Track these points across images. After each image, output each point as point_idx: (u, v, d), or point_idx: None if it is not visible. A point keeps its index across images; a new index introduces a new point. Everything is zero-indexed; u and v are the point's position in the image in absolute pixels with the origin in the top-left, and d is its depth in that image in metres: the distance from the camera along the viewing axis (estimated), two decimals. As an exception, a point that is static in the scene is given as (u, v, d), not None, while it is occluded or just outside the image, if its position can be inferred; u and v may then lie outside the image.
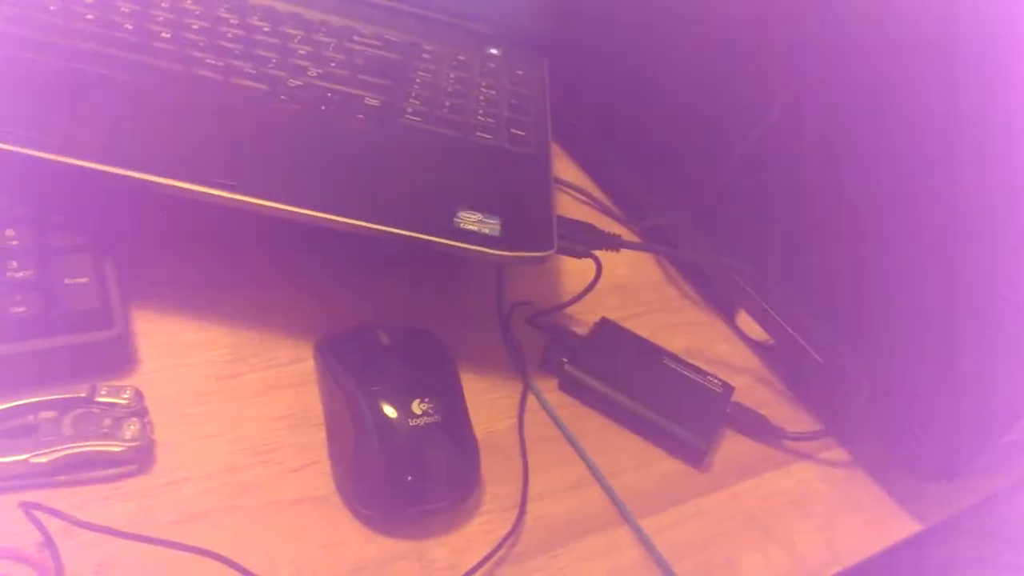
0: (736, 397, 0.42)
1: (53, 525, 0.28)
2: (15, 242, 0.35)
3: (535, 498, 0.35)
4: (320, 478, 0.34)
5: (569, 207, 0.53)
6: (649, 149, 0.53)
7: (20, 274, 0.34)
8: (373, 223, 0.36)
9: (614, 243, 0.42)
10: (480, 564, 0.32)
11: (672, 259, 0.51)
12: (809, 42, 0.41)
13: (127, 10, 0.44)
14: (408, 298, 0.43)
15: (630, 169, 0.54)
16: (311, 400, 0.36)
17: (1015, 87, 0.34)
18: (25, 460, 0.30)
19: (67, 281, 0.35)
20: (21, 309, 0.33)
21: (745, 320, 0.47)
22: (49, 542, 0.28)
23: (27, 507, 0.29)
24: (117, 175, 0.33)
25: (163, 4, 0.45)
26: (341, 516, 0.33)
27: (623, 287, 0.48)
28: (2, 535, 0.28)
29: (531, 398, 0.40)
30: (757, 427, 0.42)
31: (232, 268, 0.41)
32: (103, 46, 0.41)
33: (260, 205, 0.35)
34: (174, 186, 0.34)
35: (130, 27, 0.43)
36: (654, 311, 0.47)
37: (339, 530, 0.32)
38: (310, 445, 0.35)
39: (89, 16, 0.42)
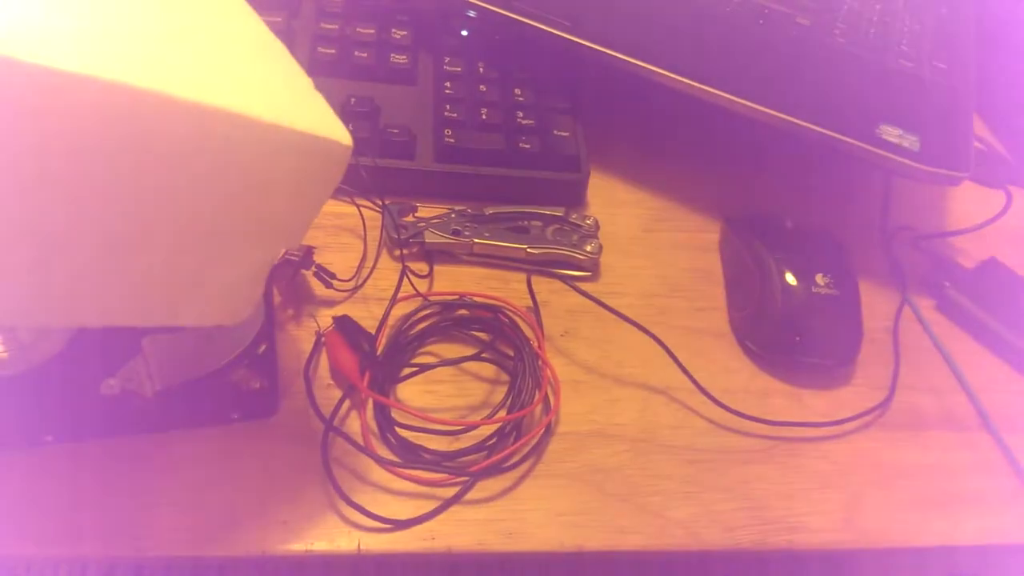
0: None
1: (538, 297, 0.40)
2: (522, 98, 0.47)
3: (903, 387, 0.40)
4: (719, 320, 0.41)
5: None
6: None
7: (526, 121, 0.46)
8: (805, 121, 0.42)
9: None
10: (852, 418, 0.37)
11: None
12: None
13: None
14: (805, 199, 0.48)
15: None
16: (713, 262, 0.44)
17: None
18: (524, 249, 0.41)
19: (555, 132, 0.46)
20: (527, 146, 0.44)
21: None
22: (536, 306, 0.40)
23: (528, 278, 0.40)
24: (607, 55, 0.43)
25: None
26: (735, 350, 0.40)
27: (1014, 237, 0.48)
28: (507, 296, 0.40)
29: (906, 311, 0.43)
30: None
31: (668, 148, 0.49)
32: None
33: (708, 92, 0.42)
34: (651, 70, 0.43)
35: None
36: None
37: (733, 360, 0.40)
38: (711, 295, 0.42)
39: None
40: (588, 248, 0.42)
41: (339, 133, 0.26)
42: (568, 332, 0.39)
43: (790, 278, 0.39)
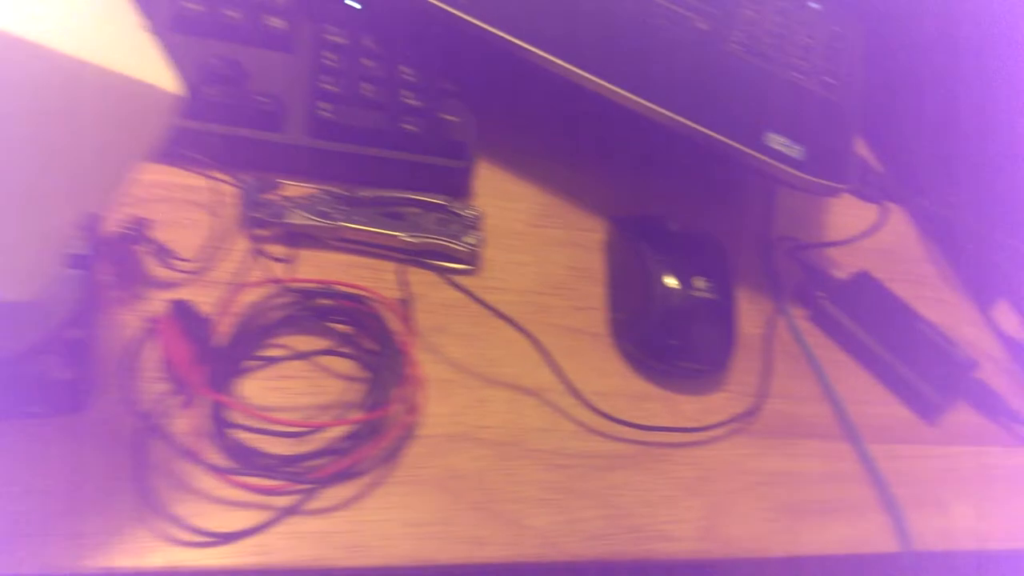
0: (978, 374, 0.43)
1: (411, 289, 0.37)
2: (410, 78, 0.44)
3: (773, 395, 0.40)
4: (597, 321, 0.40)
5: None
6: (942, 136, 0.53)
7: (413, 102, 0.43)
8: (694, 122, 0.41)
9: (901, 195, 0.44)
10: (721, 424, 0.37)
11: (939, 242, 0.52)
12: None
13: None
14: (691, 204, 0.48)
15: (917, 149, 0.55)
16: (597, 261, 0.43)
17: None
18: (399, 237, 0.39)
19: (443, 116, 0.43)
20: (411, 128, 0.42)
21: (1002, 311, 0.48)
22: (408, 299, 0.37)
23: (399, 269, 0.38)
24: (502, 39, 0.41)
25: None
26: (611, 352, 0.39)
27: (885, 252, 0.50)
28: (376, 287, 0.37)
29: (780, 319, 0.44)
30: (992, 404, 0.43)
31: (561, 144, 0.48)
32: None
33: (597, 83, 0.41)
34: (544, 57, 0.41)
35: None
36: (911, 282, 0.49)
37: (608, 362, 0.39)
38: (591, 295, 0.41)
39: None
40: (468, 240, 0.40)
41: (164, 80, 0.22)
42: (441, 328, 0.37)
43: (670, 280, 0.39)
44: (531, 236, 0.43)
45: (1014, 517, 0.39)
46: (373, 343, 0.35)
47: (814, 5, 0.56)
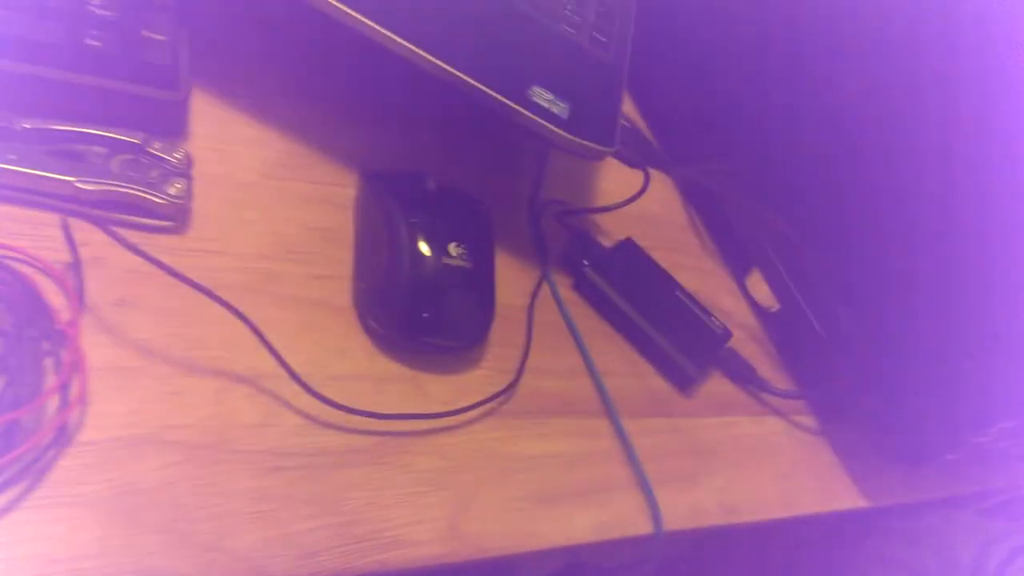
0: (731, 344, 0.44)
1: (84, 251, 0.29)
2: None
3: (531, 370, 0.37)
4: (341, 292, 0.34)
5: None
6: (709, 104, 0.53)
7: (102, 12, 0.33)
8: (451, 67, 0.36)
9: (667, 166, 0.43)
10: (472, 407, 0.33)
11: (701, 209, 0.53)
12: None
13: None
14: (456, 161, 0.43)
15: (682, 118, 0.55)
16: (345, 222, 0.37)
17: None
18: (70, 183, 0.30)
19: (144, 32, 0.34)
20: (96, 43, 0.32)
21: (756, 281, 0.49)
22: (76, 263, 0.29)
23: (64, 223, 0.29)
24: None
25: None
26: (353, 329, 0.34)
27: (650, 219, 0.49)
28: (33, 247, 0.28)
29: (544, 288, 0.41)
30: (743, 374, 0.44)
31: (303, 81, 0.40)
32: None
33: (345, 13, 0.35)
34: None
35: None
36: (673, 250, 0.49)
37: (350, 340, 0.33)
38: (337, 260, 0.35)
39: None
40: (170, 190, 0.32)
41: None
42: (125, 301, 0.29)
43: (422, 246, 0.34)
44: (263, 188, 0.36)
45: (761, 488, 0.40)
46: (17, 319, 0.26)
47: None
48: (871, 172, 0.44)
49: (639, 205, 0.44)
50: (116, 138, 0.32)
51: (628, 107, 0.57)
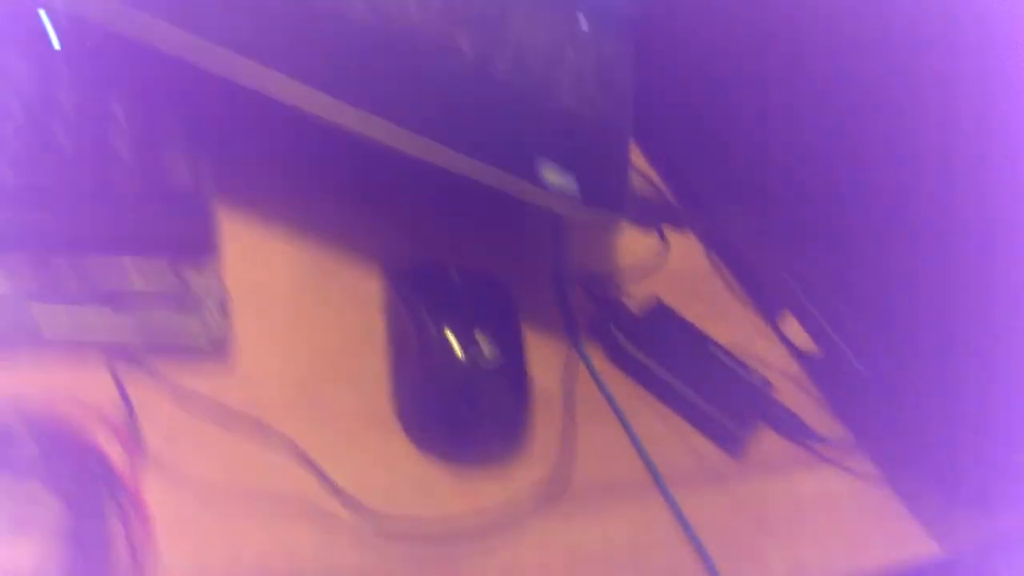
0: (773, 394, 0.43)
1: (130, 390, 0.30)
2: (121, 118, 0.36)
3: (577, 456, 0.36)
4: (380, 398, 0.35)
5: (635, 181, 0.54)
6: (720, 148, 0.54)
7: (121, 144, 0.35)
8: (462, 156, 0.37)
9: (680, 221, 0.43)
10: (521, 505, 0.33)
11: (725, 255, 0.52)
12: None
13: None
14: (472, 241, 0.43)
15: (694, 165, 0.55)
16: (377, 324, 0.37)
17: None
18: (108, 322, 0.31)
19: (167, 160, 0.35)
20: (122, 177, 0.34)
21: (789, 323, 0.48)
22: (128, 407, 0.29)
23: (110, 365, 0.30)
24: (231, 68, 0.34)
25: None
26: (395, 435, 0.34)
27: (674, 274, 0.49)
28: (80, 390, 0.29)
29: (576, 361, 0.41)
30: (790, 426, 0.43)
31: (318, 184, 0.41)
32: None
33: (359, 119, 0.36)
34: (290, 89, 0.35)
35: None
36: (700, 301, 0.48)
37: (393, 447, 0.33)
38: (373, 367, 0.36)
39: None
40: (208, 318, 0.32)
41: None
42: (173, 437, 0.30)
43: (452, 346, 0.34)
44: (295, 300, 0.37)
45: (828, 546, 0.39)
46: (76, 475, 0.27)
47: (583, 27, 0.55)
48: (894, 207, 0.43)
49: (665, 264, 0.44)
50: (149, 269, 0.33)
51: (636, 158, 0.57)
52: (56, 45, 0.37)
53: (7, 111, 0.33)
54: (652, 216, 0.42)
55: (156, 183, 0.34)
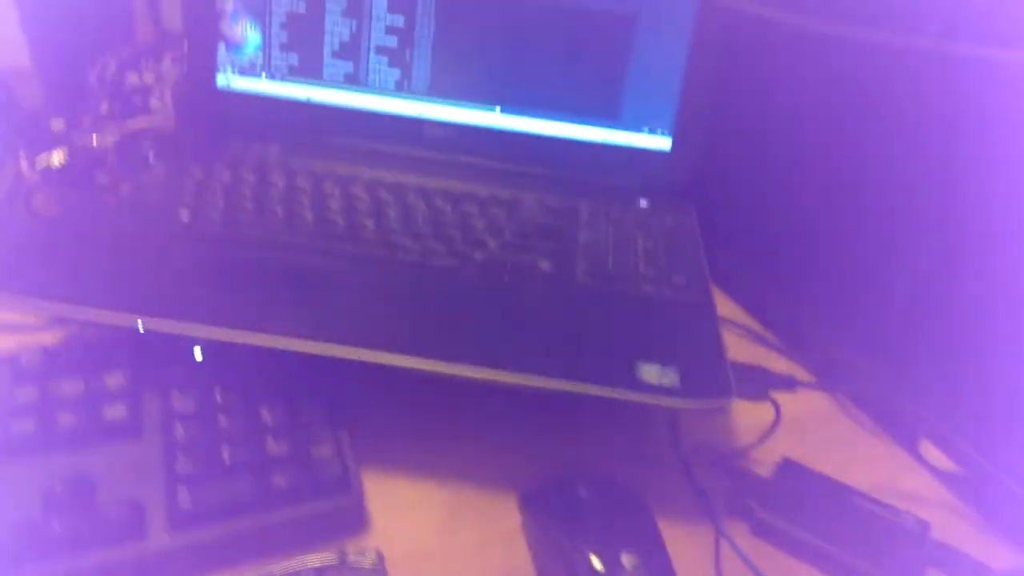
0: (932, 533, 0.41)
1: None
2: (271, 420, 0.42)
3: (744, 650, 0.36)
4: (539, 631, 0.36)
5: (732, 343, 0.56)
6: (804, 276, 0.55)
7: (278, 449, 0.40)
8: (563, 381, 0.40)
9: (789, 384, 0.44)
10: None
11: (845, 391, 0.52)
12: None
13: (337, 206, 0.52)
14: (591, 447, 0.46)
15: (787, 299, 0.56)
16: (523, 556, 0.40)
17: None
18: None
19: (313, 452, 0.41)
20: (282, 481, 0.39)
21: (929, 449, 0.47)
22: None
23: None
24: (352, 357, 0.40)
25: (363, 197, 0.54)
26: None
27: (797, 422, 0.49)
28: None
29: (724, 543, 0.41)
30: (959, 566, 0.41)
31: (437, 428, 0.46)
32: (320, 240, 0.49)
33: (465, 372, 0.40)
34: (390, 359, 0.40)
35: (341, 222, 0.51)
36: (832, 447, 0.48)
37: None
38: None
39: (307, 215, 0.51)
40: (371, 589, 0.36)
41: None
42: None
43: (598, 566, 0.36)
44: (444, 548, 0.40)
45: None
46: None
47: (643, 204, 0.58)
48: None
49: (782, 417, 0.45)
50: (317, 567, 0.37)
51: (727, 307, 0.59)
52: (198, 356, 0.44)
53: (189, 443, 0.40)
54: (761, 384, 0.43)
55: (310, 475, 0.39)
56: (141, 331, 0.41)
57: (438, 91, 0.58)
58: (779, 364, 0.53)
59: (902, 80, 0.46)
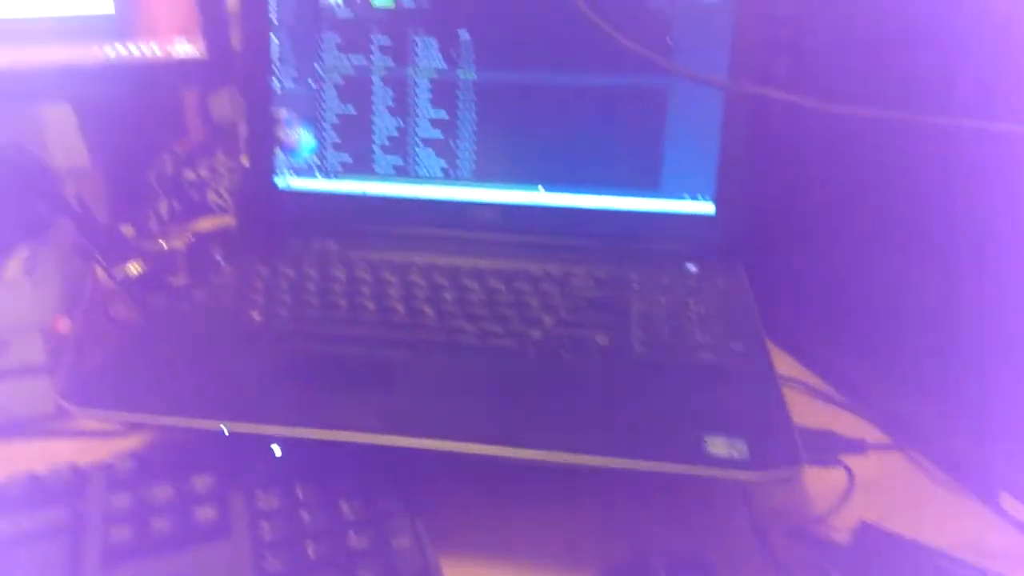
0: (1027, 594, 0.40)
1: None
2: (350, 514, 0.43)
3: None
4: None
5: (794, 401, 0.55)
6: (864, 329, 0.54)
7: (359, 543, 0.41)
8: (632, 460, 0.41)
9: (859, 447, 0.44)
10: None
11: (918, 445, 0.51)
12: None
13: (396, 294, 0.55)
14: (665, 523, 0.46)
15: (849, 353, 0.56)
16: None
17: None
18: None
19: (393, 543, 0.42)
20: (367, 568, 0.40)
21: (1009, 502, 0.46)
22: None
23: None
24: (420, 447, 0.41)
25: (421, 283, 0.56)
26: None
27: (871, 483, 0.48)
28: None
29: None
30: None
31: (513, 512, 0.46)
32: (383, 330, 0.51)
33: (533, 456, 0.41)
34: (463, 448, 0.41)
35: (402, 309, 0.53)
36: (909, 506, 0.47)
37: None
38: None
39: (369, 305, 0.53)
40: None
41: None
42: None
43: (683, 648, 0.36)
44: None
45: None
46: None
47: (692, 268, 0.59)
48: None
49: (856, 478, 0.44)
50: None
51: (785, 362, 0.59)
52: (278, 453, 0.46)
53: (275, 541, 0.41)
54: (830, 449, 0.43)
55: (394, 568, 0.40)
56: (226, 433, 0.43)
57: (483, 176, 0.60)
58: (845, 420, 0.53)
59: (937, 142, 0.46)
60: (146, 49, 0.55)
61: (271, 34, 0.58)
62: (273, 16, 0.59)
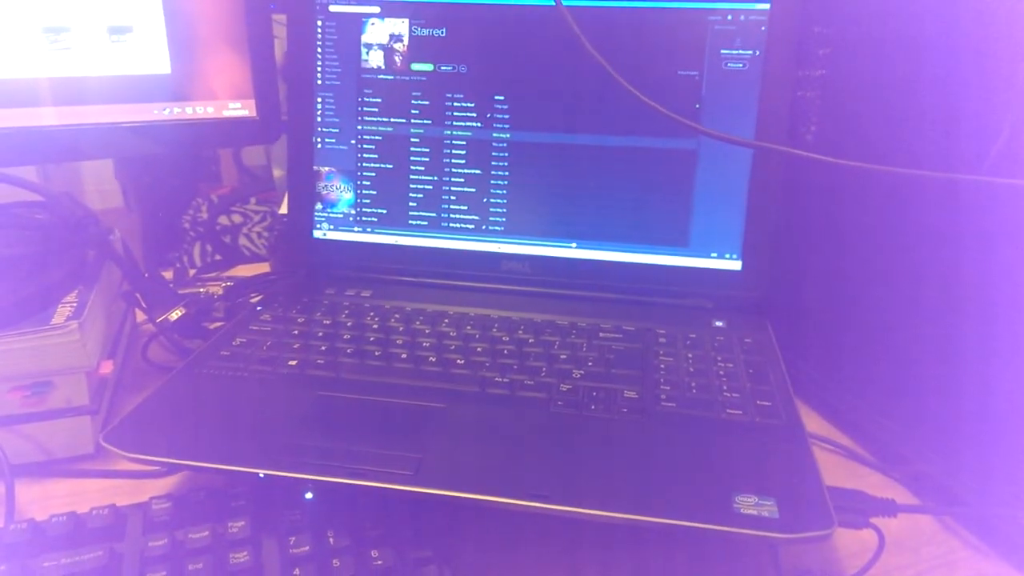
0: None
1: None
2: (381, 561, 0.44)
3: None
4: None
5: (822, 459, 0.56)
6: (892, 389, 0.55)
7: (389, 587, 0.42)
8: (663, 518, 0.41)
9: (889, 508, 0.44)
10: None
11: (946, 505, 0.51)
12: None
13: (428, 344, 0.56)
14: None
15: (876, 412, 0.56)
16: None
17: None
18: None
19: (423, 592, 0.42)
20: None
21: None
22: None
23: None
24: (446, 496, 0.42)
25: (452, 332, 0.57)
26: None
27: (901, 543, 0.48)
28: None
29: None
30: None
31: (542, 565, 0.47)
32: (414, 379, 0.52)
33: (562, 511, 0.41)
34: (495, 501, 0.42)
35: (433, 359, 0.54)
36: (941, 567, 0.47)
37: None
38: None
39: (402, 354, 0.55)
40: None
41: None
42: None
43: None
44: None
45: None
46: None
47: (719, 323, 0.60)
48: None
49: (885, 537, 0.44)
50: None
51: (810, 418, 0.59)
52: (309, 496, 0.47)
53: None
54: (861, 511, 0.43)
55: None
56: (261, 476, 0.44)
57: (514, 231, 0.62)
58: (873, 481, 0.53)
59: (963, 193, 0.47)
60: (200, 109, 0.58)
61: (317, 95, 0.61)
62: (319, 78, 0.62)
